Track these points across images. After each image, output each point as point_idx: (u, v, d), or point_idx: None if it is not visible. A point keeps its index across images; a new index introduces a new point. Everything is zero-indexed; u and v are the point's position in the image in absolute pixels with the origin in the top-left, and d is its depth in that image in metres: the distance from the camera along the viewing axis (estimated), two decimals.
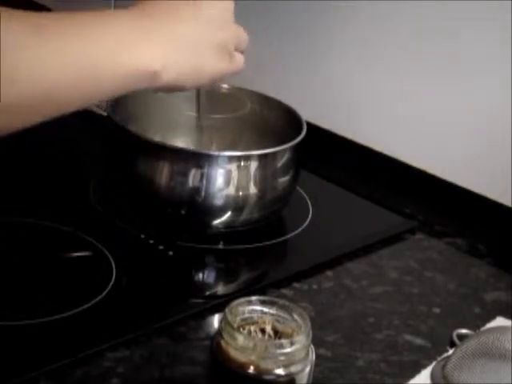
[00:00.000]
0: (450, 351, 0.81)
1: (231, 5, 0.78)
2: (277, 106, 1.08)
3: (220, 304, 0.83)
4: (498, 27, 1.03)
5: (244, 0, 0.87)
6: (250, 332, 0.67)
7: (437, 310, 0.91)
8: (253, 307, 0.69)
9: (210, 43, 0.75)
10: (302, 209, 1.06)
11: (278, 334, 0.68)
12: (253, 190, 0.97)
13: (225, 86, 1.08)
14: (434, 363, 0.81)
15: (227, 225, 0.98)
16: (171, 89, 0.74)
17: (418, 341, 0.85)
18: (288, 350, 0.66)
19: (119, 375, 0.76)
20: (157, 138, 1.01)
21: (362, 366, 0.81)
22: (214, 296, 0.90)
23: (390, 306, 0.91)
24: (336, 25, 1.19)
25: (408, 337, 0.86)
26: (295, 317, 0.68)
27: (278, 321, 0.69)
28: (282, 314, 0.69)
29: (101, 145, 1.05)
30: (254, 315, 0.69)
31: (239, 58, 0.79)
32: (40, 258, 0.90)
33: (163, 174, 0.95)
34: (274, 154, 0.98)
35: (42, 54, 0.62)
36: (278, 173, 0.99)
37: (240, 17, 0.79)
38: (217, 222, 0.97)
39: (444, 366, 0.78)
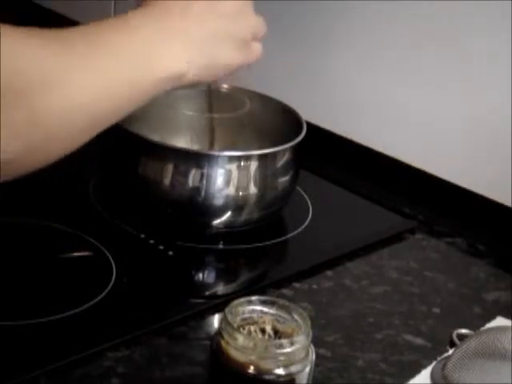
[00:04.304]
0: (450, 351, 0.81)
1: None
2: (277, 106, 1.08)
3: (220, 304, 0.83)
4: (499, 29, 1.03)
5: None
6: (249, 332, 0.67)
7: (437, 310, 0.91)
8: (253, 307, 0.69)
9: (224, 35, 0.75)
10: (302, 209, 1.06)
11: (277, 334, 0.68)
12: (253, 190, 0.97)
13: (225, 85, 1.08)
14: (434, 363, 0.81)
15: (227, 225, 0.98)
16: (189, 85, 0.74)
17: (418, 341, 0.85)
18: (288, 349, 0.66)
19: (119, 375, 0.76)
20: (156, 137, 1.01)
21: (362, 366, 0.81)
22: (214, 296, 0.90)
23: (390, 306, 0.91)
24: (337, 25, 1.19)
25: (408, 337, 0.86)
26: (295, 317, 0.68)
27: (278, 321, 0.69)
28: (281, 313, 0.69)
29: (101, 145, 1.04)
30: (254, 315, 0.69)
31: (256, 48, 0.79)
32: (40, 258, 0.90)
33: (163, 173, 0.95)
34: (273, 154, 0.98)
35: (71, 75, 0.63)
36: (278, 173, 0.99)
37: None
38: (217, 221, 0.97)
39: (444, 366, 0.78)
